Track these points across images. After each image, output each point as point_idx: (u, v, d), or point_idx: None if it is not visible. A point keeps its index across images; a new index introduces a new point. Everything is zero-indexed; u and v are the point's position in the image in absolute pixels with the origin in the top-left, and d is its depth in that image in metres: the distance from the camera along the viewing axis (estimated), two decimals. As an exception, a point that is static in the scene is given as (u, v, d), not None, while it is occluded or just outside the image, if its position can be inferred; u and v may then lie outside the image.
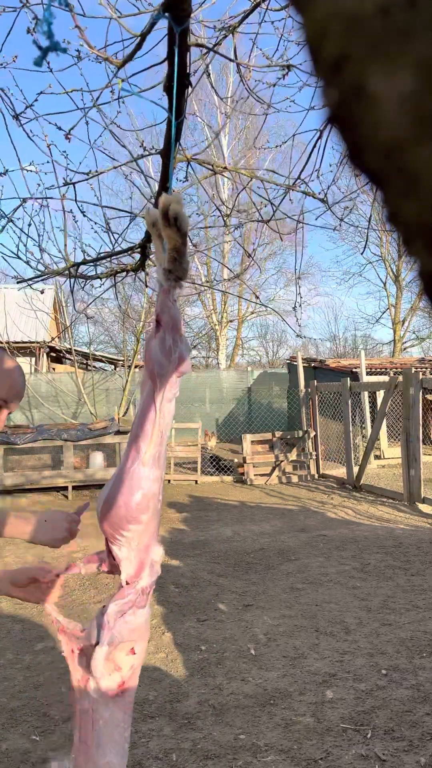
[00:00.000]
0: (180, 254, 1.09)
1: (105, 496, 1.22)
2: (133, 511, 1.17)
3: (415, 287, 8.27)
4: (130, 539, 1.20)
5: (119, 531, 1.19)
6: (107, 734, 1.21)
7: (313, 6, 0.25)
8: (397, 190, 0.25)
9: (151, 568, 1.24)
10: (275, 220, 3.21)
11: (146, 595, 1.24)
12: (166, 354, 1.13)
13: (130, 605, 1.21)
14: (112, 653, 1.21)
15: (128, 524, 1.18)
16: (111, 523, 1.20)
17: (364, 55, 0.24)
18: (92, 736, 1.20)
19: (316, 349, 33.83)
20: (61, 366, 19.17)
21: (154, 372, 1.14)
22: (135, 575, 1.23)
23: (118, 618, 1.20)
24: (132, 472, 1.18)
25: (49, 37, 0.84)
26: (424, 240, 0.25)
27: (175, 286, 1.13)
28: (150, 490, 1.18)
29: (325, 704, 2.91)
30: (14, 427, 9.28)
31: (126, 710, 1.24)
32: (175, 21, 1.28)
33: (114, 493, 1.19)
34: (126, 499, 1.17)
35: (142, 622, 1.24)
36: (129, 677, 1.24)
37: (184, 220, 1.06)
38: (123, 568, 1.23)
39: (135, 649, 1.24)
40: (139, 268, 3.04)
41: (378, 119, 0.24)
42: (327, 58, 0.25)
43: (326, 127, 2.72)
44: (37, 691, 3.12)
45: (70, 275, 3.00)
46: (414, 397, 7.67)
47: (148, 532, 1.21)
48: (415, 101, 0.23)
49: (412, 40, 0.23)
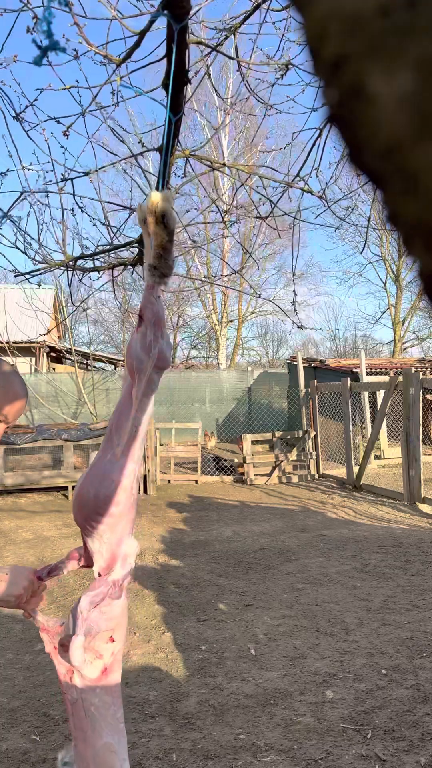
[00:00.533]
0: (166, 251, 1.10)
1: (78, 489, 1.23)
2: (103, 504, 1.18)
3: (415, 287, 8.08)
4: (101, 532, 1.21)
5: (90, 522, 1.21)
6: (100, 718, 1.24)
7: (313, 6, 0.25)
8: (397, 190, 0.25)
9: (123, 561, 1.25)
10: (274, 217, 3.21)
11: (119, 587, 1.26)
12: (145, 349, 1.14)
13: (101, 597, 1.23)
14: (91, 642, 1.23)
15: (99, 516, 1.19)
16: (82, 515, 1.22)
17: (364, 55, 0.24)
18: (86, 722, 1.23)
19: (316, 349, 33.85)
20: (61, 366, 19.17)
21: (132, 366, 1.15)
22: (107, 567, 1.25)
23: (91, 609, 1.22)
24: (104, 464, 1.19)
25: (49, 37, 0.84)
26: (424, 240, 0.25)
27: (159, 283, 1.14)
28: (122, 483, 1.19)
29: (325, 704, 2.91)
30: (14, 427, 9.28)
31: (113, 694, 1.27)
32: (174, 18, 1.28)
33: (86, 485, 1.21)
34: (96, 491, 1.19)
35: (119, 611, 1.26)
36: (111, 663, 1.27)
37: (172, 218, 1.07)
38: (95, 561, 1.25)
39: (114, 637, 1.26)
40: (138, 262, 3.04)
41: (378, 119, 0.24)
42: (327, 58, 0.25)
43: (326, 126, 2.72)
44: (37, 691, 3.12)
45: (68, 267, 3.01)
46: (414, 397, 7.67)
47: (120, 525, 1.22)
48: (414, 101, 0.23)
49: (412, 40, 0.23)
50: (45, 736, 2.72)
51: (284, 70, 2.78)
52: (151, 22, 1.78)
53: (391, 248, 23.39)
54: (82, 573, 5.08)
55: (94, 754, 1.22)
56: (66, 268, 3.02)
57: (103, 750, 1.22)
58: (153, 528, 6.70)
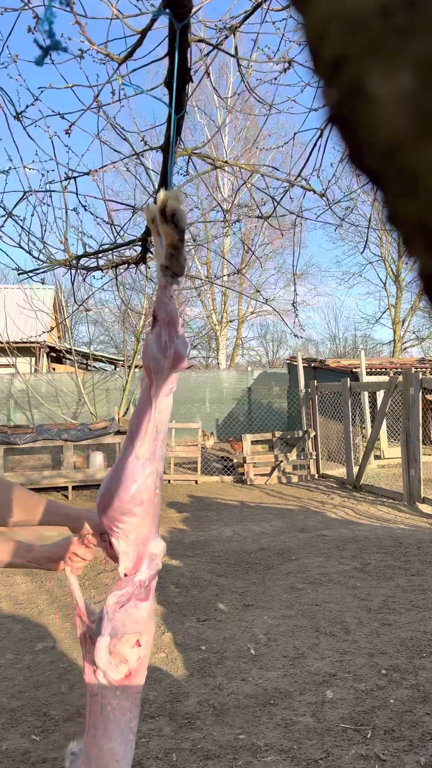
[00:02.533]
0: (177, 251, 1.09)
1: (102, 490, 1.24)
2: (127, 504, 1.19)
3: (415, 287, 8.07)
4: (127, 532, 1.22)
5: (115, 523, 1.22)
6: (114, 721, 1.24)
7: (313, 6, 0.25)
8: (397, 190, 0.25)
9: (150, 561, 1.26)
10: (276, 216, 3.21)
11: (146, 588, 1.26)
12: (161, 350, 1.14)
13: (128, 597, 1.23)
14: (116, 645, 1.23)
15: (123, 516, 1.20)
16: (107, 516, 1.23)
17: (364, 55, 0.24)
18: (100, 720, 1.23)
19: (316, 349, 33.84)
20: (61, 366, 19.17)
21: (150, 367, 1.15)
22: (133, 568, 1.25)
23: (117, 609, 1.22)
24: (126, 465, 1.20)
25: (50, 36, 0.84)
26: (424, 240, 0.25)
27: (171, 283, 1.13)
28: (144, 483, 1.20)
29: (325, 704, 2.91)
30: (14, 427, 9.28)
31: (133, 701, 1.27)
32: (176, 17, 1.28)
33: (109, 486, 1.22)
34: (120, 492, 1.19)
35: (146, 614, 1.26)
36: (136, 669, 1.26)
37: (182, 216, 1.06)
38: (121, 561, 1.26)
39: (140, 641, 1.26)
40: (140, 260, 3.04)
41: (378, 119, 0.24)
42: (327, 58, 0.25)
43: (326, 126, 2.72)
44: (37, 691, 3.12)
45: (71, 266, 3.01)
46: (414, 397, 7.67)
47: (145, 525, 1.23)
48: (414, 101, 0.23)
49: (412, 40, 0.23)
50: (45, 736, 2.72)
51: (285, 67, 2.78)
52: (153, 20, 1.78)
53: (391, 248, 23.39)
54: (82, 573, 5.08)
55: (98, 755, 1.22)
56: (69, 267, 3.02)
57: (107, 754, 1.21)
58: (153, 528, 6.70)
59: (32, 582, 4.88)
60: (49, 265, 3.05)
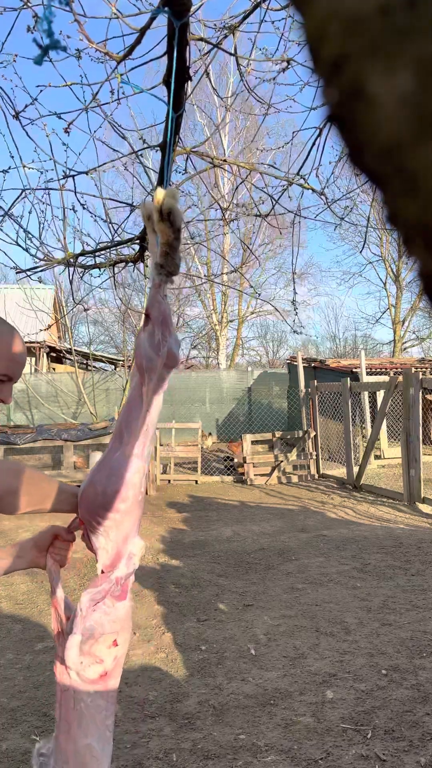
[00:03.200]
0: (172, 249, 1.09)
1: (85, 483, 1.23)
2: (111, 500, 1.18)
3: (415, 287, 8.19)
4: (107, 528, 1.21)
5: (96, 518, 1.20)
6: (89, 716, 1.20)
7: (313, 6, 0.25)
8: (396, 190, 0.25)
9: (128, 559, 1.24)
10: (274, 215, 3.21)
11: (122, 586, 1.24)
12: (154, 348, 1.14)
13: (103, 594, 1.21)
14: (93, 646, 1.20)
15: (106, 512, 1.19)
16: (89, 510, 1.21)
17: (364, 55, 0.24)
18: (73, 715, 1.20)
19: (317, 349, 33.85)
20: (61, 366, 19.17)
21: (142, 365, 1.15)
22: (111, 565, 1.23)
23: (92, 607, 1.20)
24: (113, 461, 1.19)
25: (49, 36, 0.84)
26: (424, 240, 0.25)
27: (165, 281, 1.13)
28: (130, 480, 1.19)
29: (325, 704, 2.91)
30: (14, 427, 9.28)
31: (109, 699, 1.24)
32: (175, 15, 1.27)
33: (94, 481, 1.21)
34: (105, 487, 1.18)
35: (123, 613, 1.23)
36: (112, 669, 1.24)
37: (178, 215, 1.06)
38: (99, 557, 1.24)
39: (117, 641, 1.23)
40: (138, 259, 3.04)
41: (377, 119, 0.24)
42: (327, 58, 0.25)
43: (326, 125, 2.72)
44: (37, 691, 3.12)
45: (69, 264, 3.01)
46: (414, 397, 7.67)
47: (127, 523, 1.21)
48: (414, 101, 0.23)
49: (412, 40, 0.23)
50: (45, 736, 2.72)
51: (284, 66, 2.78)
52: (152, 19, 1.78)
53: (391, 248, 23.39)
54: (82, 573, 5.07)
55: (75, 751, 1.18)
56: (67, 265, 3.02)
57: (84, 750, 1.18)
58: (153, 528, 6.70)
59: (32, 582, 4.88)
60: (47, 263, 3.04)
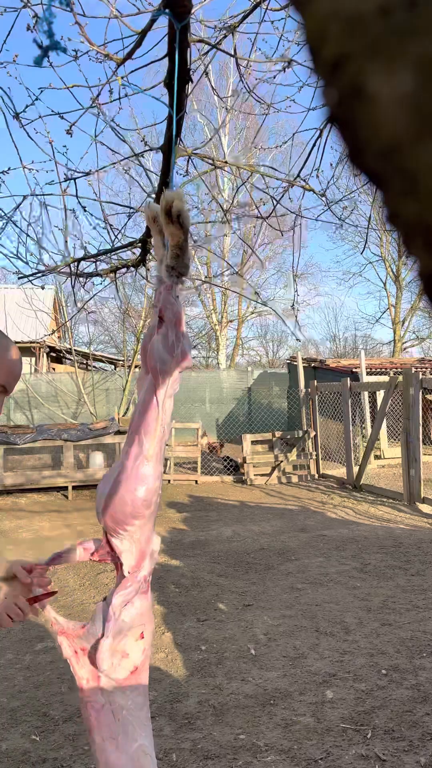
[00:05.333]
0: (182, 250, 1.10)
1: (107, 493, 1.22)
2: (139, 507, 1.19)
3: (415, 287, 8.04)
4: (132, 533, 1.22)
5: (123, 526, 1.21)
6: (133, 719, 1.21)
7: (313, 6, 0.25)
8: (397, 190, 0.25)
9: (150, 557, 1.27)
10: (275, 216, 3.21)
11: (146, 582, 1.27)
12: (169, 350, 1.14)
13: (133, 594, 1.23)
14: (120, 642, 1.22)
15: (133, 519, 1.20)
16: (115, 519, 1.21)
17: (364, 54, 0.24)
18: (117, 727, 1.19)
19: (316, 349, 33.84)
20: (61, 366, 19.17)
21: (156, 368, 1.15)
22: (136, 566, 1.25)
23: (122, 608, 1.21)
24: (136, 468, 1.19)
25: (50, 36, 0.84)
26: (424, 240, 0.25)
27: (177, 282, 1.13)
28: (153, 485, 1.20)
29: (325, 704, 2.91)
30: (14, 427, 9.28)
31: (144, 693, 1.26)
32: (176, 17, 1.27)
33: (118, 490, 1.20)
34: (132, 495, 1.19)
35: (147, 606, 1.26)
36: (142, 662, 1.25)
37: (187, 216, 1.06)
38: (124, 560, 1.25)
39: (144, 633, 1.25)
40: (140, 263, 3.03)
41: (378, 119, 0.24)
42: (327, 58, 0.25)
43: (326, 126, 2.72)
44: (37, 691, 3.12)
45: (70, 272, 3.00)
46: (414, 397, 7.67)
47: (149, 524, 1.24)
48: (414, 101, 0.23)
49: (412, 40, 0.23)
50: (45, 736, 2.72)
51: (285, 66, 2.78)
52: (152, 21, 1.78)
53: (391, 248, 23.39)
54: (82, 573, 5.07)
55: (129, 758, 1.17)
56: (69, 274, 3.01)
57: (137, 753, 1.18)
58: (153, 528, 6.70)
59: (32, 582, 4.88)
60: (48, 269, 3.04)
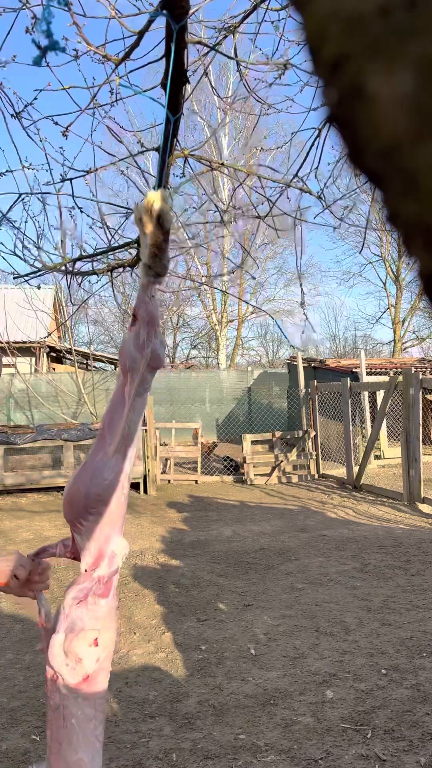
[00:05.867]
0: (161, 251, 1.10)
1: (69, 485, 1.24)
2: (94, 501, 1.20)
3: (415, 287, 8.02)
4: (90, 528, 1.22)
5: (80, 519, 1.22)
6: (79, 730, 1.21)
7: (313, 6, 0.25)
8: (396, 190, 0.25)
9: (110, 559, 1.25)
10: (272, 216, 3.21)
11: (105, 584, 1.25)
12: (138, 348, 1.15)
13: (85, 592, 1.22)
14: (72, 642, 1.21)
15: (88, 514, 1.21)
16: (72, 512, 1.23)
17: (364, 54, 0.24)
18: (63, 733, 1.20)
19: (316, 349, 33.83)
20: (61, 366, 19.16)
21: (126, 365, 1.16)
22: (93, 564, 1.25)
23: (74, 604, 1.21)
24: (96, 463, 1.20)
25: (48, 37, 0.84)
26: (424, 240, 0.25)
27: (153, 282, 1.14)
28: (112, 481, 1.19)
29: (325, 704, 2.91)
30: (14, 427, 9.28)
31: (97, 707, 1.23)
32: (173, 18, 1.27)
33: (77, 483, 1.22)
34: (88, 489, 1.19)
35: (105, 611, 1.24)
36: (95, 672, 1.23)
37: (168, 217, 1.07)
38: (83, 557, 1.25)
39: (98, 641, 1.23)
40: (136, 263, 3.03)
41: (377, 119, 0.24)
42: (327, 58, 0.25)
43: (325, 126, 2.72)
44: (37, 691, 3.12)
45: (66, 271, 3.00)
46: (414, 397, 7.67)
47: (109, 523, 1.23)
48: (414, 101, 0.23)
49: (412, 40, 0.23)
50: (45, 736, 2.72)
51: (283, 70, 2.78)
52: (150, 22, 1.78)
53: (391, 248, 23.40)
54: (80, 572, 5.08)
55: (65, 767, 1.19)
56: (66, 272, 3.01)
57: (75, 766, 1.19)
58: (153, 528, 6.70)
59: (32, 582, 4.88)
60: (44, 269, 3.04)
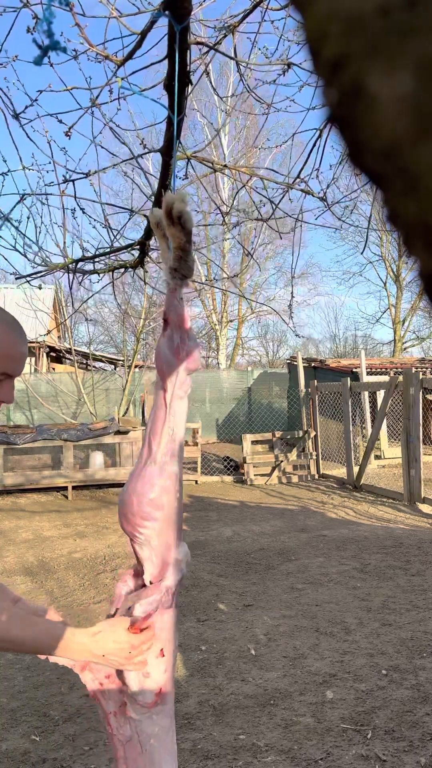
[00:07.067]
0: (185, 252, 1.10)
1: (122, 497, 1.23)
2: (146, 508, 1.18)
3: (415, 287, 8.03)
4: (149, 537, 1.20)
5: (137, 529, 1.20)
6: (160, 747, 1.18)
7: (313, 5, 0.25)
8: (397, 190, 0.25)
9: (175, 566, 1.22)
10: (274, 218, 3.21)
11: (171, 595, 1.22)
12: (174, 352, 1.14)
13: (155, 605, 1.18)
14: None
15: (143, 521, 1.19)
16: (129, 523, 1.21)
17: (364, 54, 0.24)
18: (142, 759, 1.17)
19: (316, 349, 33.85)
20: (61, 366, 19.17)
21: (163, 371, 1.15)
22: (159, 574, 1.22)
23: (145, 618, 1.19)
24: (144, 470, 1.19)
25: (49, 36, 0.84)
26: (424, 240, 0.25)
27: (181, 285, 1.14)
28: (163, 486, 1.19)
29: (325, 704, 2.91)
30: (14, 427, 9.28)
31: (170, 714, 1.22)
32: (176, 19, 1.27)
33: (128, 492, 1.21)
34: (139, 497, 1.18)
35: (170, 623, 1.21)
36: (165, 682, 1.21)
37: (189, 218, 1.06)
38: (146, 568, 1.22)
39: (164, 651, 1.21)
40: (138, 264, 3.04)
41: (378, 119, 0.24)
42: (327, 58, 0.25)
43: (326, 126, 2.72)
44: (37, 691, 3.12)
45: (68, 270, 3.00)
46: (414, 397, 7.67)
47: (168, 530, 1.20)
48: (415, 101, 0.23)
49: (412, 40, 0.23)
50: (45, 737, 2.72)
51: (284, 70, 2.78)
52: (152, 22, 1.78)
53: (391, 248, 23.40)
54: (81, 573, 5.07)
55: None
56: (67, 271, 3.01)
57: None
58: (153, 528, 6.70)
59: (32, 582, 4.88)
60: (46, 269, 3.04)
